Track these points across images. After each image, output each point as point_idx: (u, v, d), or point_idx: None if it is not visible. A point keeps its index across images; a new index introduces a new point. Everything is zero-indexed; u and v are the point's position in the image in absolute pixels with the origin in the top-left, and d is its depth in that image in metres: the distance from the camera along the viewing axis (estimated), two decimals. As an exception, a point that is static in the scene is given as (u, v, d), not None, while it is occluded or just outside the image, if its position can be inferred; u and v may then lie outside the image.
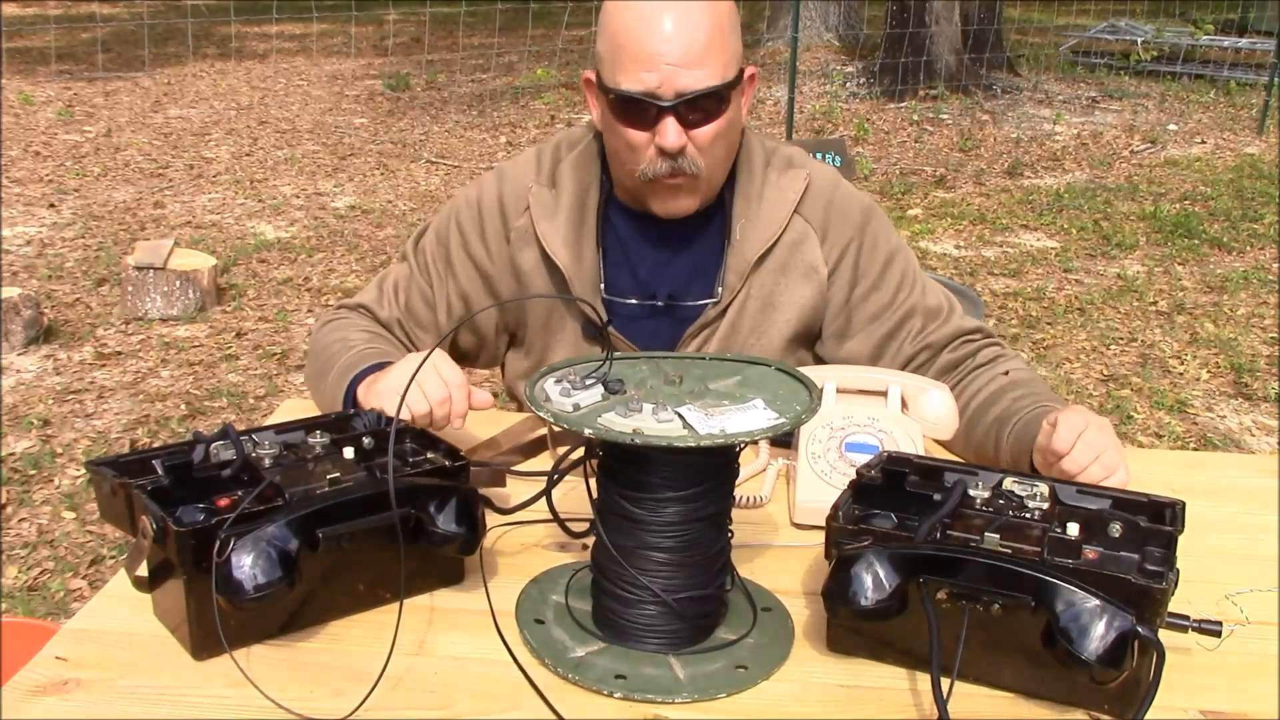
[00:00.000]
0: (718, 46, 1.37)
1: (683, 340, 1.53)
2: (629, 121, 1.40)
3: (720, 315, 1.52)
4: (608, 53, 1.40)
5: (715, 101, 1.38)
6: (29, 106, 8.09)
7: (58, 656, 1.04)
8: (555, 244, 1.50)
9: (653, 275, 1.53)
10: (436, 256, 1.59)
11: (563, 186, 1.53)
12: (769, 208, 1.51)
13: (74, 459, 3.23)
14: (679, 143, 1.38)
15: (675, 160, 1.40)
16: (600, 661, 1.02)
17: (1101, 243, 5.51)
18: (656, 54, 1.34)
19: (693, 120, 1.38)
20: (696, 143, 1.40)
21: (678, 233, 1.51)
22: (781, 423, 0.99)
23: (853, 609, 0.99)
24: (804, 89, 8.63)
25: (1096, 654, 0.91)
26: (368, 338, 1.53)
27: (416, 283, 1.59)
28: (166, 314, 4.33)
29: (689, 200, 1.46)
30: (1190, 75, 9.63)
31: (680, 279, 1.53)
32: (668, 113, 1.37)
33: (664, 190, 1.44)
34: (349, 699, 0.97)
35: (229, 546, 0.98)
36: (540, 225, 1.51)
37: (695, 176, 1.43)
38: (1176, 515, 1.06)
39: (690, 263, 1.53)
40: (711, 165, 1.44)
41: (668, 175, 1.41)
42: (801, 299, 1.52)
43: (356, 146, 7.33)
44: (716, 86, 1.37)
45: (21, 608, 2.55)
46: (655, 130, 1.38)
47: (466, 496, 1.11)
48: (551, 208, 1.52)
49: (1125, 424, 3.63)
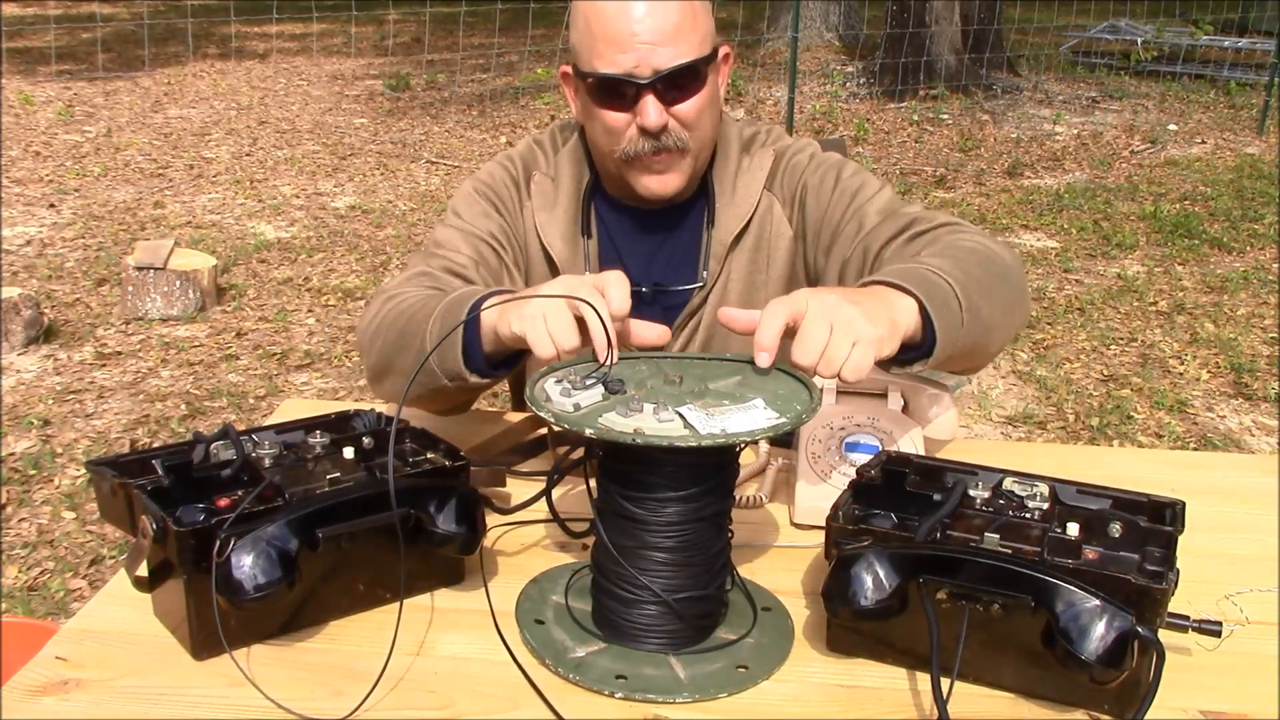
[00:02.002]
0: (690, 23, 1.38)
1: (674, 328, 1.53)
2: (608, 104, 1.40)
3: (705, 300, 1.53)
4: (581, 41, 1.41)
5: (692, 77, 1.39)
6: (29, 106, 8.09)
7: (58, 656, 1.04)
8: (552, 235, 1.52)
9: (640, 265, 1.54)
10: (473, 209, 1.53)
11: (561, 178, 1.54)
12: (742, 189, 1.52)
13: (74, 459, 3.23)
14: (660, 120, 1.39)
15: (658, 138, 1.40)
16: (601, 661, 1.02)
17: (1101, 243, 5.51)
18: (630, 34, 1.35)
19: (672, 97, 1.39)
20: (679, 118, 1.41)
21: (662, 221, 1.52)
22: (783, 422, 0.99)
23: (853, 609, 0.98)
24: (804, 89, 8.63)
25: (1096, 654, 0.91)
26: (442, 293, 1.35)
27: (460, 231, 1.51)
28: (166, 314, 4.33)
29: (675, 177, 1.46)
30: (1190, 75, 9.63)
31: (666, 266, 1.54)
32: (646, 91, 1.37)
33: (649, 169, 1.44)
34: (349, 699, 0.97)
35: (229, 546, 0.98)
36: (539, 216, 1.52)
37: (682, 151, 1.43)
38: (1176, 515, 1.06)
39: (674, 249, 1.55)
40: (699, 140, 1.44)
41: (651, 154, 1.42)
42: (781, 270, 1.54)
43: (356, 146, 7.33)
44: (693, 61, 1.38)
45: (21, 608, 2.55)
46: (635, 110, 1.39)
47: (466, 496, 1.11)
48: (551, 199, 1.53)
49: (1125, 424, 3.63)
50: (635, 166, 1.44)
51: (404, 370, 1.31)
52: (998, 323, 1.28)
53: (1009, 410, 3.74)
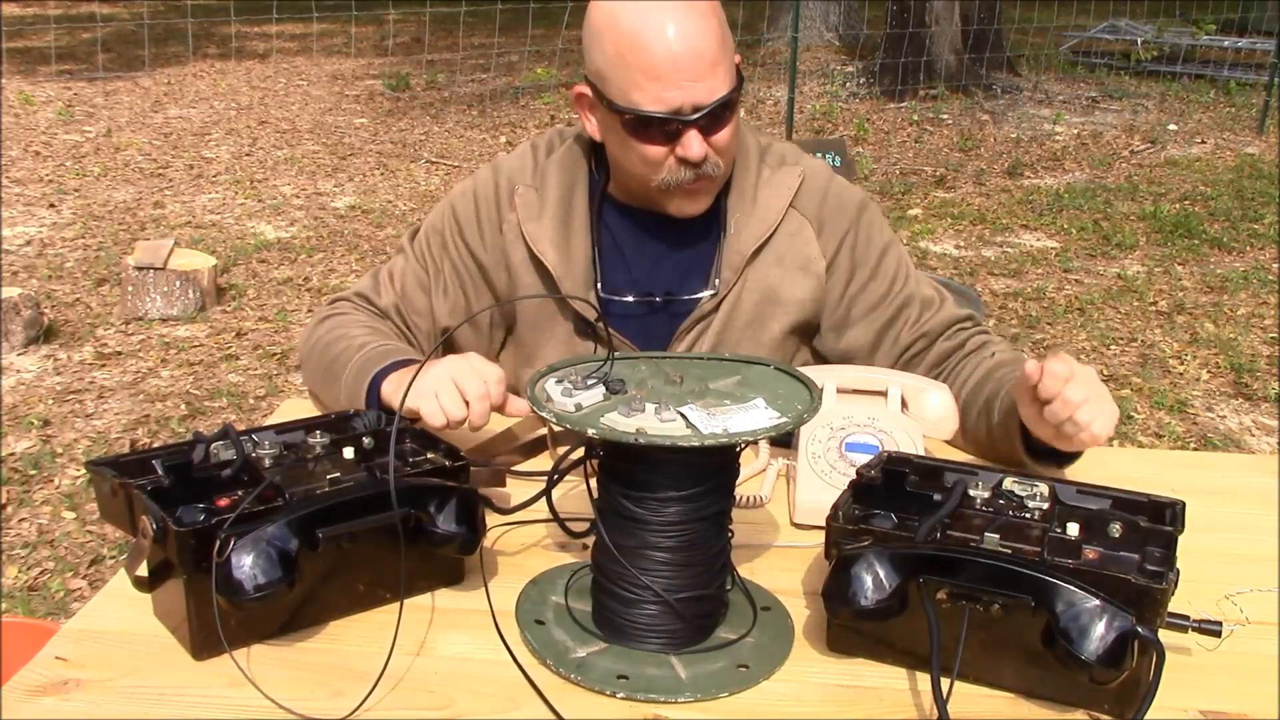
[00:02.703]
0: (721, 49, 1.37)
1: (678, 334, 1.53)
2: (648, 139, 1.40)
3: (715, 309, 1.52)
4: (613, 70, 1.38)
5: (730, 108, 1.40)
6: (29, 106, 8.09)
7: (58, 656, 1.04)
8: (543, 244, 1.51)
9: (648, 271, 1.54)
10: (433, 244, 1.60)
11: (548, 186, 1.53)
12: (765, 201, 1.52)
13: (74, 459, 3.23)
14: (703, 152, 1.39)
15: (699, 168, 1.41)
16: (602, 662, 1.02)
17: (1101, 243, 5.51)
18: (673, 70, 1.34)
19: (711, 129, 1.40)
20: (716, 147, 1.42)
21: (673, 228, 1.52)
22: (784, 422, 0.99)
23: (853, 609, 0.99)
24: (804, 89, 8.63)
25: (1096, 654, 0.91)
26: (368, 333, 1.52)
27: (413, 269, 1.60)
28: (166, 314, 4.33)
29: (707, 199, 1.49)
30: (1190, 75, 9.63)
31: (676, 274, 1.54)
32: (691, 127, 1.38)
33: (685, 194, 1.46)
34: (349, 699, 0.97)
35: (229, 546, 0.98)
36: (527, 226, 1.51)
37: (715, 178, 1.45)
38: (1176, 515, 1.06)
39: (686, 257, 1.54)
40: (729, 163, 1.48)
41: (692, 181, 1.43)
42: (800, 292, 1.53)
43: (356, 146, 7.33)
44: (731, 93, 1.39)
45: (21, 608, 2.55)
46: (678, 144, 1.39)
47: (466, 496, 1.11)
48: (537, 208, 1.52)
49: (1125, 424, 3.63)
50: (670, 194, 1.45)
51: (332, 401, 1.48)
52: None
53: (1009, 410, 3.74)
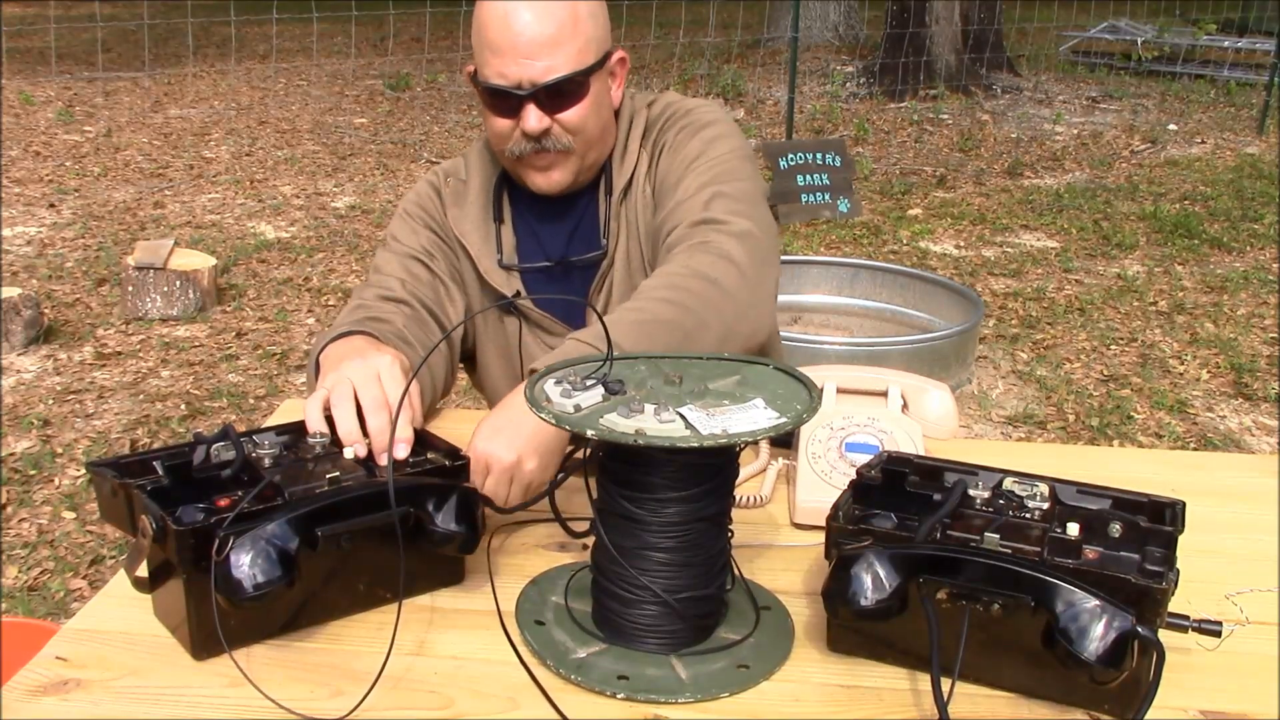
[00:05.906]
0: (569, 33, 1.47)
1: (589, 296, 1.63)
2: (497, 111, 1.52)
3: (610, 264, 1.62)
4: (475, 47, 1.53)
5: (573, 87, 1.49)
6: (29, 106, 8.09)
7: (58, 656, 1.04)
8: (464, 227, 1.64)
9: (553, 241, 1.65)
10: (404, 229, 1.67)
11: (471, 175, 1.66)
12: (629, 153, 1.62)
13: (74, 459, 3.23)
14: (539, 126, 1.50)
15: (539, 141, 1.52)
16: (602, 662, 1.02)
17: (1101, 243, 5.51)
18: (512, 46, 1.46)
19: (554, 105, 1.50)
20: (562, 124, 1.52)
21: (570, 202, 1.64)
22: (784, 422, 0.99)
23: (853, 609, 0.98)
24: (804, 89, 8.63)
25: (1096, 654, 0.91)
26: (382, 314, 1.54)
27: (393, 253, 1.66)
28: (166, 314, 4.33)
29: (560, 174, 1.57)
30: (1190, 75, 9.63)
31: (576, 241, 1.65)
32: (527, 100, 1.49)
33: (533, 167, 1.56)
34: (349, 699, 0.97)
35: (228, 545, 0.98)
36: (451, 212, 1.65)
37: (565, 152, 1.54)
38: (1176, 515, 1.06)
39: (584, 225, 1.65)
40: (585, 142, 1.55)
41: (534, 154, 1.54)
42: (646, 227, 1.61)
43: (356, 146, 7.33)
44: (570, 74, 1.48)
45: (21, 608, 2.55)
46: (519, 116, 1.50)
47: (466, 495, 1.11)
48: (462, 195, 1.66)
49: (1125, 424, 3.63)
50: (522, 165, 1.57)
51: None
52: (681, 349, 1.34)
53: (1009, 410, 3.74)
